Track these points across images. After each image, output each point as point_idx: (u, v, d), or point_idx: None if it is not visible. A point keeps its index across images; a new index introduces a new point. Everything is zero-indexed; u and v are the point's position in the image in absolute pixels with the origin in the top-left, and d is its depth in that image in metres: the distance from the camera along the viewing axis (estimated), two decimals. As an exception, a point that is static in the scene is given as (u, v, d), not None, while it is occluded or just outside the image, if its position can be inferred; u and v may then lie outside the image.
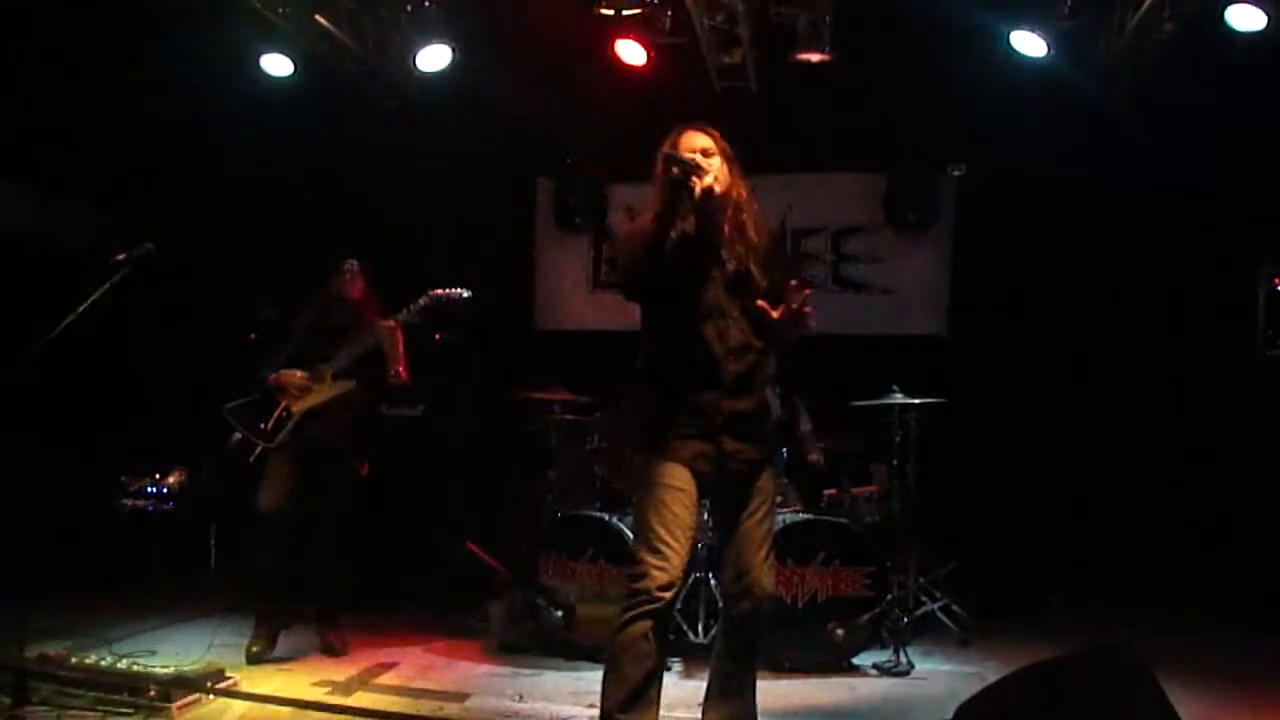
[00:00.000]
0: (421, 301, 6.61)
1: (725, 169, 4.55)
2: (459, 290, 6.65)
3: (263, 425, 6.62)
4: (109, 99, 8.04)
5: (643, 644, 4.29)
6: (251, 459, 6.60)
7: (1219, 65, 7.52)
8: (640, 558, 4.36)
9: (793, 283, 4.38)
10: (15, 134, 7.99)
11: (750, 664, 4.66)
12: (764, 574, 4.53)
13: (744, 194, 4.65)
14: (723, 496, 4.64)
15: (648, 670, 4.30)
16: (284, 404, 6.66)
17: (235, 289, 8.77)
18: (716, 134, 4.61)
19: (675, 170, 4.39)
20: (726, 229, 4.58)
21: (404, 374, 6.73)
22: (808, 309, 4.37)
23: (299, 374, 6.67)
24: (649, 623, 4.29)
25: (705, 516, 6.01)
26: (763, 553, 4.53)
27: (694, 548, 4.57)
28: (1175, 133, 8.01)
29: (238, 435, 6.69)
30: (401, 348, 6.70)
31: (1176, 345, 8.39)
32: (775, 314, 4.40)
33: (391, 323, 6.61)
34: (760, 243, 4.62)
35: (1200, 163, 8.08)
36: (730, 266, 4.55)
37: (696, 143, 4.55)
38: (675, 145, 4.54)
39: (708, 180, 4.42)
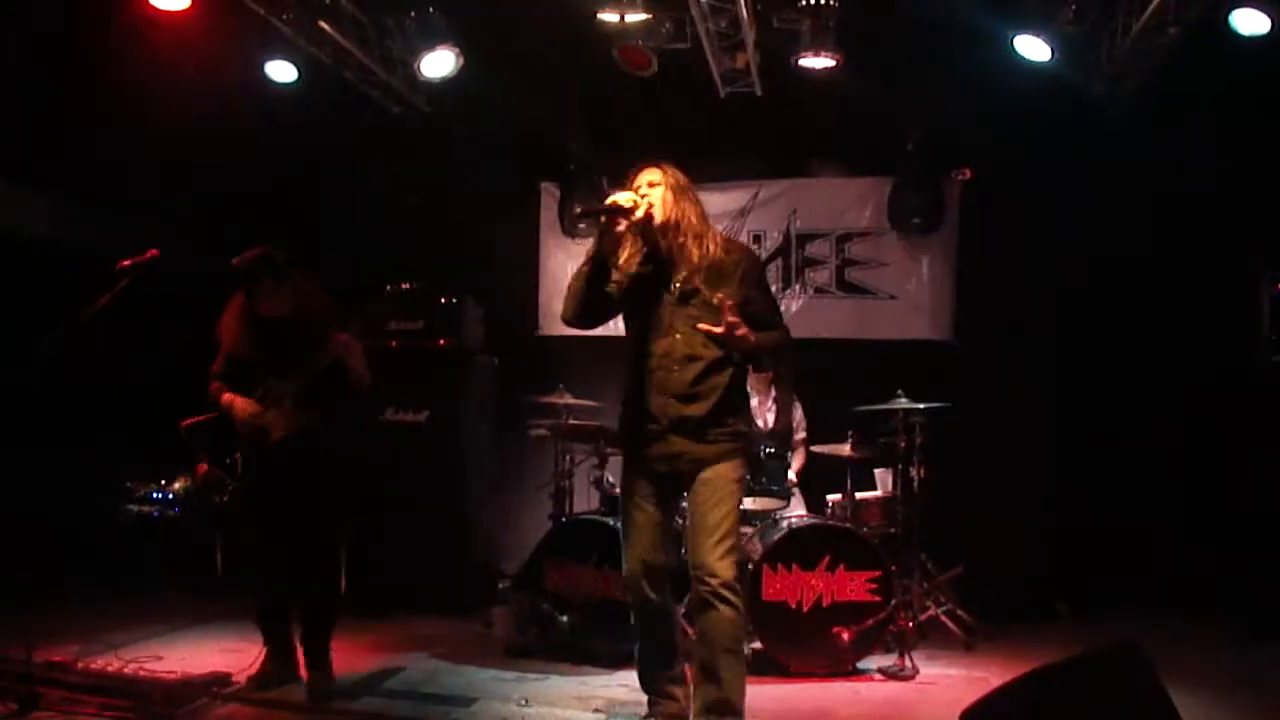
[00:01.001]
0: (373, 306, 6.27)
1: (669, 198, 4.99)
2: (407, 285, 6.39)
3: (229, 460, 5.89)
4: (113, 105, 8.05)
5: (640, 621, 5.11)
6: (225, 498, 5.93)
7: (1223, 69, 7.52)
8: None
9: (721, 300, 4.83)
10: (20, 138, 8.00)
11: (721, 649, 4.83)
12: (713, 558, 4.83)
13: (692, 219, 5.02)
14: (685, 492, 5.05)
15: (655, 638, 5.12)
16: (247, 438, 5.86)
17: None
18: (667, 168, 5.06)
19: (600, 218, 4.95)
20: (671, 251, 5.00)
21: (364, 377, 5.97)
22: (732, 320, 4.76)
23: (251, 406, 5.81)
24: (635, 605, 5.08)
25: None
26: (714, 538, 4.85)
27: (666, 536, 5.13)
28: (1179, 137, 8.00)
29: (208, 469, 5.91)
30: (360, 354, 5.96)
31: (1181, 351, 8.37)
32: (717, 331, 4.81)
33: (345, 336, 5.79)
34: (708, 262, 4.97)
35: (1204, 167, 8.07)
36: (676, 285, 4.98)
37: (644, 178, 5.04)
38: (630, 181, 5.06)
39: (638, 214, 4.91)
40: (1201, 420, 8.34)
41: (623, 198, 4.95)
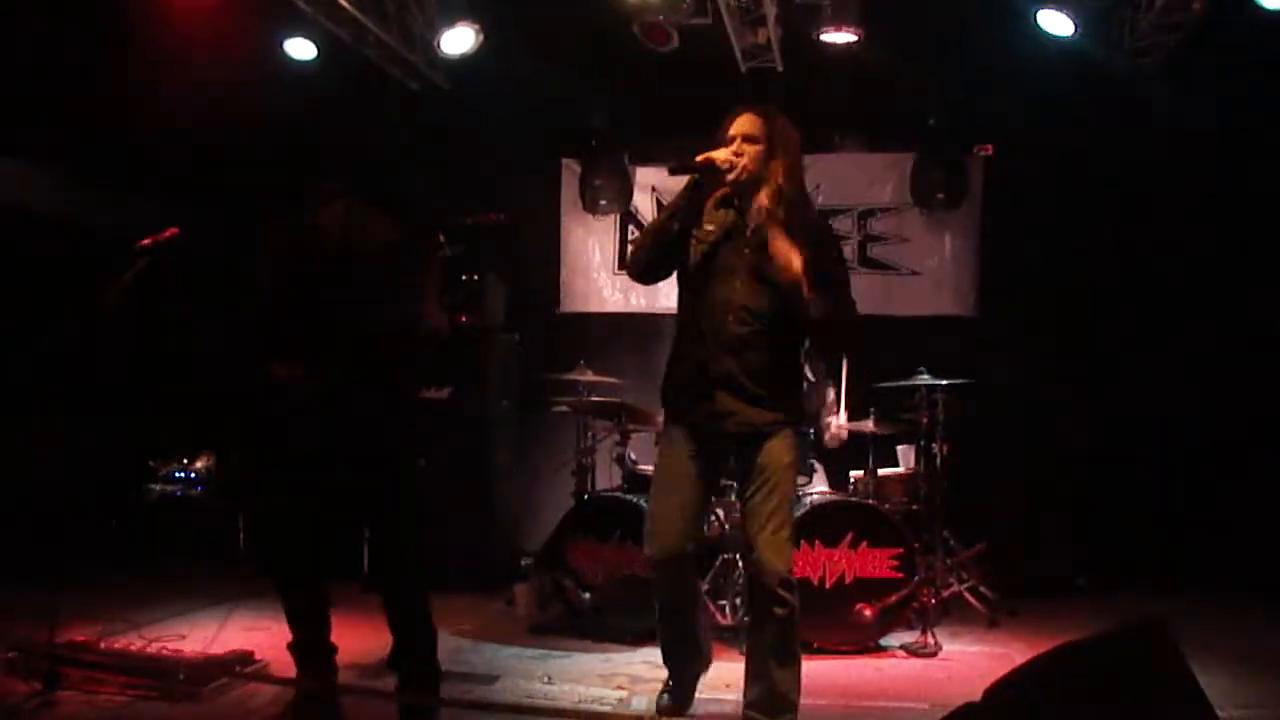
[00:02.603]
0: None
1: (759, 153, 4.68)
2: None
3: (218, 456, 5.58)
4: (129, 83, 8.04)
5: (661, 601, 4.90)
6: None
7: (1247, 43, 7.44)
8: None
9: (787, 249, 4.51)
10: (42, 118, 8.00)
11: (772, 646, 4.64)
12: (770, 550, 4.57)
13: (779, 174, 4.70)
14: (729, 460, 4.83)
15: (678, 621, 4.97)
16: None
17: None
18: (769, 118, 4.78)
19: (693, 174, 4.70)
20: (749, 205, 4.70)
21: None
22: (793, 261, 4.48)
23: (288, 369, 4.74)
24: (660, 584, 4.84)
25: (734, 498, 5.98)
26: (769, 529, 4.58)
27: (702, 514, 4.97)
28: (1207, 112, 7.93)
29: None
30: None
31: (1206, 325, 8.32)
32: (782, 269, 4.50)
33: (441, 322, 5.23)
34: (783, 218, 4.63)
35: (1228, 142, 8.00)
36: (748, 234, 4.68)
37: (743, 127, 4.74)
38: (728, 126, 4.76)
39: (731, 176, 4.64)
40: (1227, 395, 8.28)
41: (719, 155, 4.66)
